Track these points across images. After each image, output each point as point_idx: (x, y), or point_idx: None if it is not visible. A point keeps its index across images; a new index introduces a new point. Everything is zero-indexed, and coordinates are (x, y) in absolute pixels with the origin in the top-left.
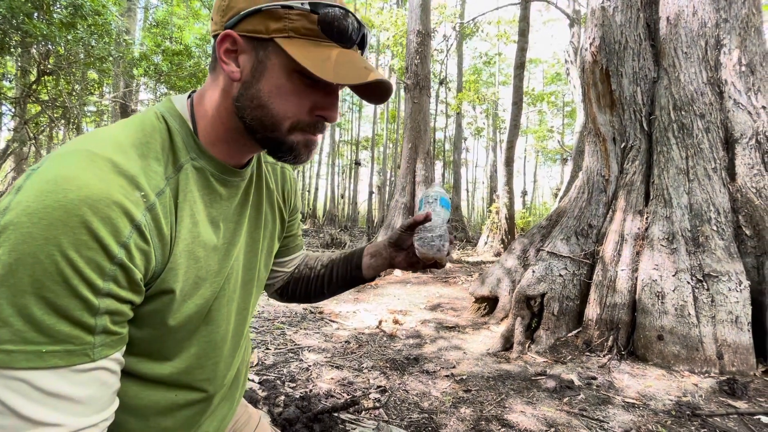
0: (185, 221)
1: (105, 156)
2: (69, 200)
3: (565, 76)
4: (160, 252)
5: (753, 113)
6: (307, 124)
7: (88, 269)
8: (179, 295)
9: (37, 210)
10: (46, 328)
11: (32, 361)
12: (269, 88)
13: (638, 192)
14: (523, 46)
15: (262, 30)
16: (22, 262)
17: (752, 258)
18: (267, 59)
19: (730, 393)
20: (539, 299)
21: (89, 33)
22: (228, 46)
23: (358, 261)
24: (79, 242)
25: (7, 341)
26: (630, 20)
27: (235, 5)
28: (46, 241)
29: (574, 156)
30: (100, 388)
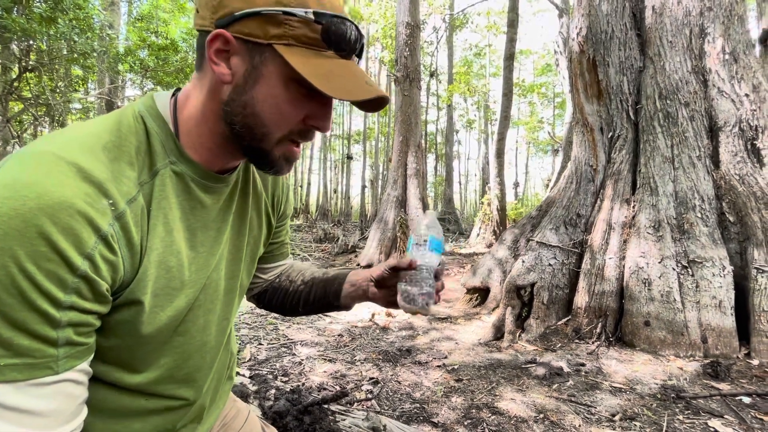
0: (158, 229)
1: (70, 160)
2: (27, 209)
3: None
4: (129, 262)
5: (736, 101)
6: (298, 133)
7: (48, 282)
8: (148, 306)
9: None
10: (5, 341)
11: None
12: (263, 95)
13: (625, 181)
14: (512, 37)
15: (259, 34)
16: None
17: (735, 244)
18: (262, 65)
19: (714, 375)
20: (529, 289)
21: (71, 28)
22: (219, 46)
23: (338, 288)
24: (37, 254)
25: None
26: (616, 10)
27: (229, 4)
28: (2, 252)
29: (564, 147)
30: (65, 400)
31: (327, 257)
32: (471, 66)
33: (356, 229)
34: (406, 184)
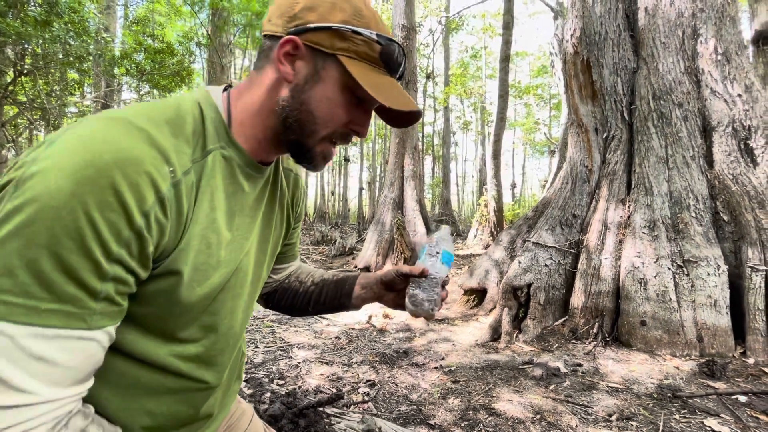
0: (203, 205)
1: (141, 126)
2: (103, 161)
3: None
4: (174, 230)
5: (729, 101)
6: (340, 135)
7: (107, 232)
8: (186, 278)
9: (68, 165)
10: (52, 284)
11: (29, 317)
12: (319, 96)
13: (620, 181)
14: (507, 39)
15: (326, 45)
16: (42, 214)
17: (730, 243)
18: (324, 71)
19: (710, 374)
20: (526, 289)
21: (66, 31)
22: (289, 50)
23: (349, 289)
24: (104, 203)
25: (8, 291)
26: (609, 11)
27: (304, 17)
28: (72, 197)
29: (560, 148)
30: (86, 360)
31: (324, 260)
32: (467, 68)
33: (354, 231)
34: (403, 186)
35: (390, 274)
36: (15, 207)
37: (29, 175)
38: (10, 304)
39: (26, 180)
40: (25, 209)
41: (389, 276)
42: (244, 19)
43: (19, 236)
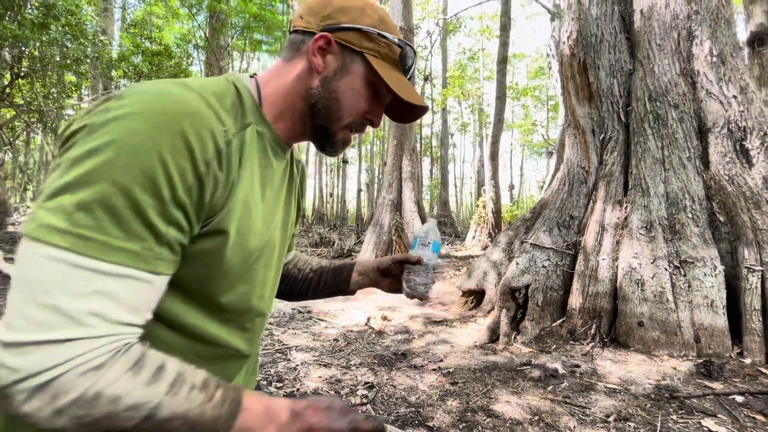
0: (246, 172)
1: (198, 91)
2: (174, 110)
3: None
4: (224, 187)
5: (724, 103)
6: (357, 123)
7: (176, 175)
8: (231, 239)
9: (142, 111)
10: (124, 222)
11: (101, 252)
12: (345, 87)
13: (617, 182)
14: (504, 41)
15: (355, 43)
16: (121, 154)
17: (726, 243)
18: (351, 65)
19: (707, 375)
20: (524, 291)
21: (63, 34)
22: (322, 44)
23: (347, 275)
24: (175, 148)
25: (84, 226)
26: (605, 13)
27: (337, 17)
28: (149, 139)
29: (558, 149)
30: (145, 302)
31: None
32: (465, 70)
33: (352, 233)
34: (402, 188)
35: (386, 261)
36: (94, 148)
37: (106, 120)
38: (86, 238)
39: (103, 124)
40: (104, 150)
41: (385, 263)
42: (241, 21)
43: (99, 175)
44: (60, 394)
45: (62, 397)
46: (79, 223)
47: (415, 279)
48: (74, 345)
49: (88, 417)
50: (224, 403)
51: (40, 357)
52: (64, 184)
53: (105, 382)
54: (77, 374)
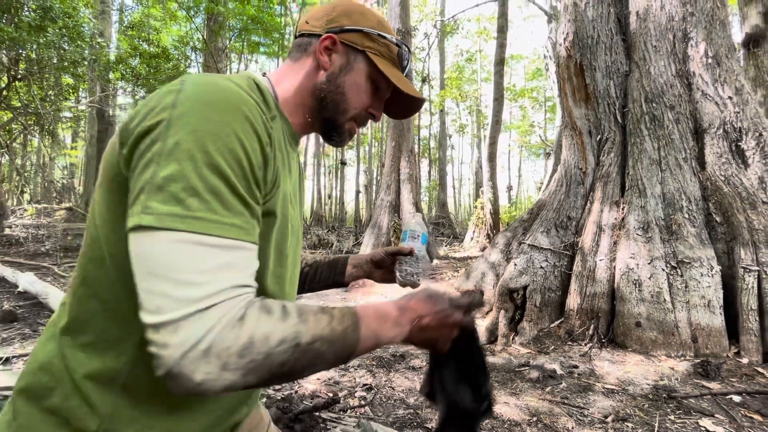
0: (278, 159)
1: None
2: (232, 98)
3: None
4: (272, 170)
5: (720, 104)
6: (361, 117)
7: (252, 156)
8: (278, 221)
9: (208, 101)
10: (227, 202)
11: (217, 230)
12: (350, 83)
13: (614, 183)
14: (502, 42)
15: (357, 43)
16: (207, 141)
17: (722, 244)
18: (355, 63)
19: (704, 375)
20: (522, 291)
21: (60, 36)
22: (328, 44)
23: (342, 268)
24: (246, 131)
25: (198, 209)
26: (601, 15)
27: (340, 20)
28: (225, 124)
29: (556, 150)
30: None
31: None
32: (462, 71)
33: (351, 234)
34: (400, 189)
35: (380, 253)
36: (181, 139)
37: (181, 113)
38: (201, 219)
39: (180, 117)
40: (192, 140)
41: (379, 255)
42: (239, 23)
43: (193, 161)
44: (221, 351)
45: (224, 352)
46: (193, 207)
47: (407, 269)
48: (217, 308)
49: (252, 362)
50: (345, 317)
51: (195, 327)
52: (168, 176)
53: (251, 326)
54: (228, 329)
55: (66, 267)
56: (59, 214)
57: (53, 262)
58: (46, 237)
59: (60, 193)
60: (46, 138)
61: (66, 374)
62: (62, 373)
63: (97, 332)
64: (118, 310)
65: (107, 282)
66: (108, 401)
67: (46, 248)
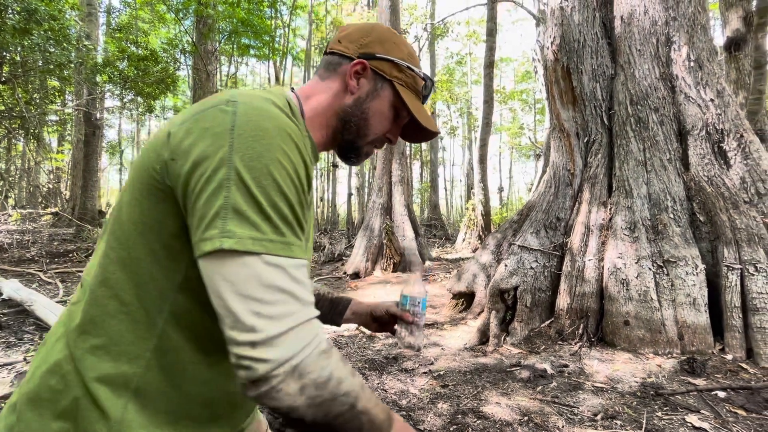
0: None
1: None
2: (284, 125)
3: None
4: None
5: (702, 106)
6: (378, 140)
7: (304, 180)
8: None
9: (265, 128)
10: (292, 224)
11: (287, 251)
12: (375, 109)
13: (602, 184)
14: (491, 45)
15: (386, 72)
16: (272, 167)
17: (706, 243)
18: (381, 90)
19: (691, 371)
20: (512, 292)
21: (46, 39)
22: (358, 69)
23: (342, 310)
24: (296, 158)
25: (270, 233)
26: (587, 19)
27: (372, 48)
28: (283, 152)
29: (545, 151)
30: None
31: (314, 266)
32: (453, 74)
33: (343, 237)
34: (392, 192)
35: (381, 310)
36: (249, 166)
37: (242, 140)
38: (277, 242)
39: (242, 143)
40: (258, 167)
41: (379, 312)
42: (229, 26)
43: (265, 189)
44: (304, 374)
45: (307, 376)
46: (267, 230)
47: (409, 340)
48: (307, 326)
49: (320, 398)
50: (384, 409)
51: (291, 342)
52: (243, 201)
53: (333, 364)
54: (316, 355)
55: (52, 273)
56: (45, 219)
57: (39, 269)
58: (32, 243)
59: (46, 198)
60: (32, 142)
61: (76, 377)
62: (72, 375)
63: (110, 335)
64: (136, 314)
65: (129, 285)
66: (118, 406)
67: (31, 254)
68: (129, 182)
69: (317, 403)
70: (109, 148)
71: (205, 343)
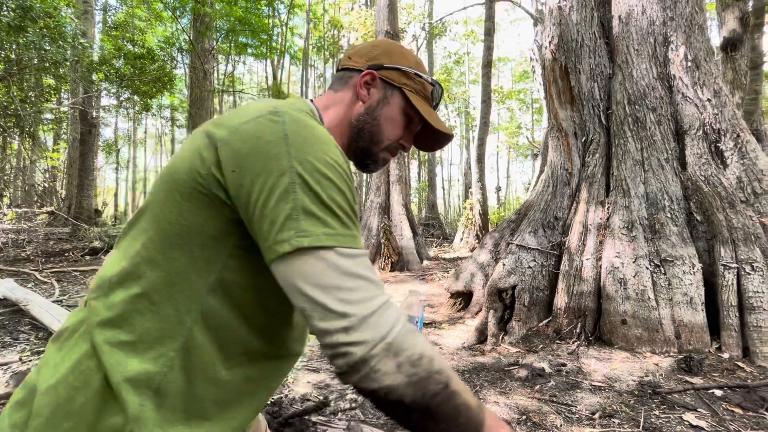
0: None
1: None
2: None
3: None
4: None
5: (699, 106)
6: (393, 147)
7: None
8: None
9: (315, 136)
10: (353, 219)
11: (353, 242)
12: (386, 116)
13: (599, 184)
14: (489, 45)
15: (395, 79)
16: (328, 170)
17: (703, 242)
18: (391, 97)
19: (687, 370)
20: (510, 291)
21: (41, 36)
22: (368, 79)
23: None
24: (339, 156)
25: (338, 227)
26: (585, 19)
27: (380, 59)
28: (335, 156)
29: (543, 151)
30: None
31: None
32: (451, 73)
33: None
34: (390, 191)
35: None
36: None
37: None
38: (344, 235)
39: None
40: (318, 171)
41: None
42: (226, 24)
43: (327, 189)
44: (399, 351)
45: (401, 353)
46: (335, 225)
47: None
48: (390, 306)
49: (416, 376)
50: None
51: (382, 321)
52: (312, 202)
53: (422, 342)
54: (404, 332)
55: (48, 272)
56: (41, 219)
57: (35, 268)
58: (27, 242)
59: (41, 197)
60: (27, 140)
61: (97, 374)
62: (93, 372)
63: (139, 332)
64: (165, 313)
65: (161, 284)
66: (137, 402)
67: (27, 253)
68: (163, 184)
69: (414, 381)
70: (106, 147)
71: (229, 346)
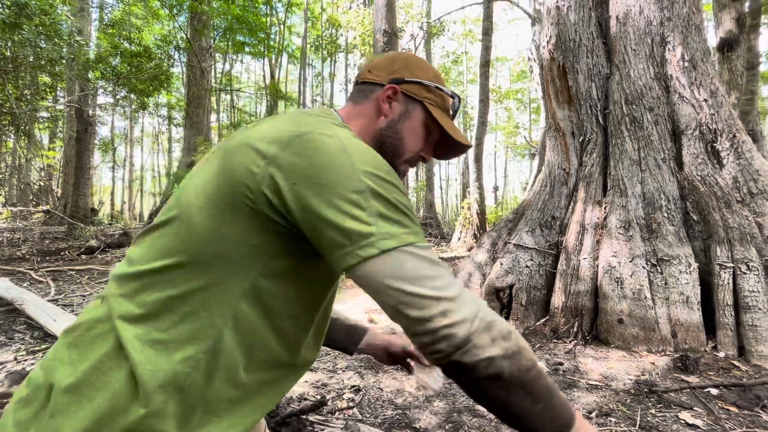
0: None
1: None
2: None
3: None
4: None
5: (696, 106)
6: (413, 159)
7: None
8: None
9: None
10: (414, 215)
11: (421, 238)
12: (408, 129)
13: (597, 183)
14: (487, 44)
15: (416, 93)
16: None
17: (699, 241)
18: (413, 111)
19: (684, 369)
20: (508, 291)
21: (36, 34)
22: (390, 94)
23: (357, 340)
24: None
25: (409, 226)
26: (583, 19)
27: (401, 73)
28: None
29: (540, 151)
30: None
31: None
32: (449, 73)
33: None
34: None
35: (397, 347)
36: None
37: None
38: (415, 233)
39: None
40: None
41: (396, 348)
42: (224, 22)
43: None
44: (491, 326)
45: (492, 328)
46: (408, 224)
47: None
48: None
49: (510, 349)
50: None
51: (469, 301)
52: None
53: (502, 321)
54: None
55: (44, 272)
56: (36, 217)
57: (30, 267)
58: (23, 241)
59: (37, 196)
60: (22, 138)
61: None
62: (114, 371)
63: (172, 332)
64: (199, 315)
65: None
66: (161, 401)
67: (22, 252)
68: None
69: (509, 354)
70: (102, 146)
71: (254, 350)
